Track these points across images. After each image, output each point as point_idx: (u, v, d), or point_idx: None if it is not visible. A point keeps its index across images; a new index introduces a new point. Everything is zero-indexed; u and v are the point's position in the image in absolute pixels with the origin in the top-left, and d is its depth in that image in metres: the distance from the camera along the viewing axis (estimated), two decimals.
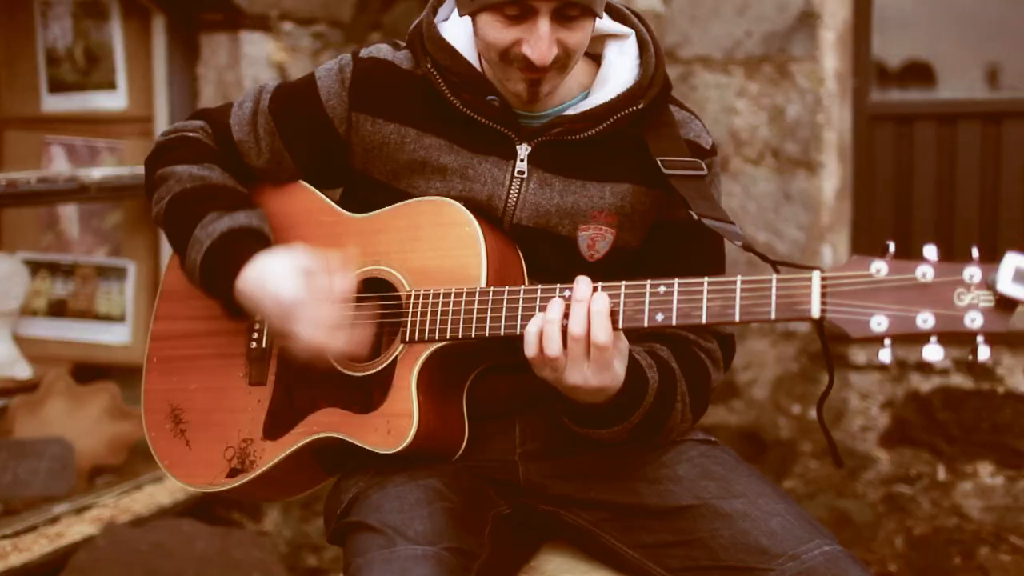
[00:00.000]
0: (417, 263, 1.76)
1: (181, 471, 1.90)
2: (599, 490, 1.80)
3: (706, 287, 1.51)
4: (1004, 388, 3.68)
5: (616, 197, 1.81)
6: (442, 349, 1.71)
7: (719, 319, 1.50)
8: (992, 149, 3.81)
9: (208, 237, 1.80)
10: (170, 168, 1.89)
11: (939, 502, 3.78)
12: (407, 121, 1.82)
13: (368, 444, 1.73)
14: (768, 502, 1.71)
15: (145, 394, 1.98)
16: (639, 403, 1.69)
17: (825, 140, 3.79)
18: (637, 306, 1.55)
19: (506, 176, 1.79)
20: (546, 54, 1.66)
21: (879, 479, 3.85)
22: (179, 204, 1.86)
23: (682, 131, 1.83)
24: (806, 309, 1.43)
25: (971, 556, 3.74)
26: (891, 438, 3.83)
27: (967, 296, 1.37)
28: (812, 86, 3.79)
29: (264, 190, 1.95)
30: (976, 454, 3.72)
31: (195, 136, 1.93)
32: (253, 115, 1.91)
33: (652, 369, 1.72)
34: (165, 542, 3.29)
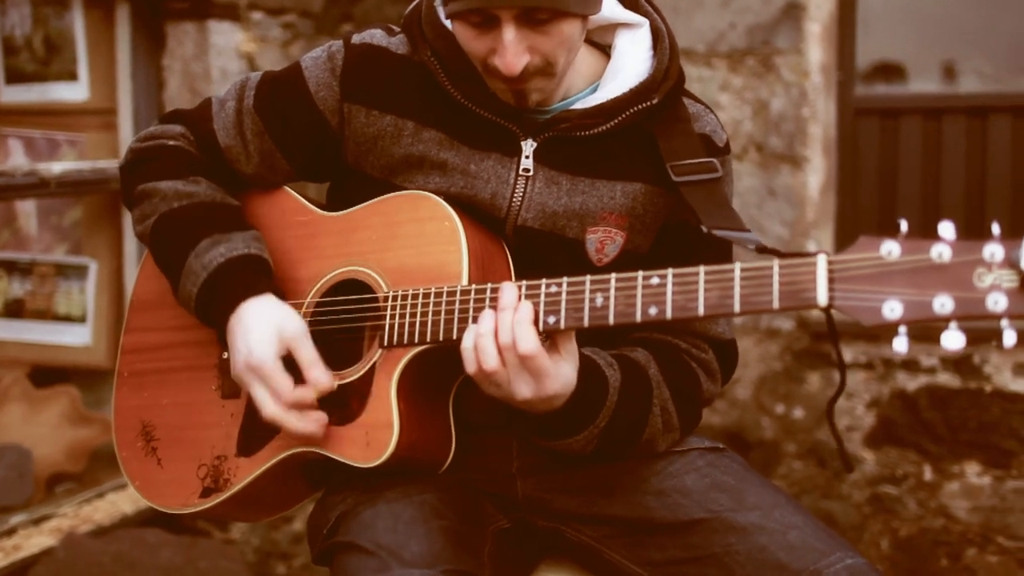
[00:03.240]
0: (395, 262, 1.65)
1: (153, 492, 1.78)
2: (603, 504, 1.70)
3: (702, 276, 1.40)
4: (991, 387, 3.63)
5: (627, 198, 1.70)
6: (423, 353, 1.60)
7: (717, 311, 1.38)
8: (977, 143, 3.76)
9: (204, 269, 1.68)
10: (153, 184, 1.76)
11: (925, 503, 3.73)
12: (404, 112, 1.70)
13: (346, 458, 1.61)
14: (784, 514, 1.62)
15: (116, 411, 1.86)
16: (601, 403, 1.59)
17: (810, 134, 3.73)
18: (628, 299, 1.44)
19: (510, 174, 1.68)
20: (513, 63, 1.55)
21: (864, 480, 3.80)
22: (167, 227, 1.74)
23: (696, 125, 1.72)
24: (812, 297, 1.31)
25: (958, 557, 3.71)
26: (877, 438, 3.78)
27: (988, 276, 1.25)
28: (797, 79, 3.72)
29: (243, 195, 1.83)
30: (963, 454, 3.67)
31: (176, 145, 1.79)
32: (238, 115, 1.78)
33: (612, 367, 1.62)
34: (128, 553, 3.19)
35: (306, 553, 3.88)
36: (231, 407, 1.74)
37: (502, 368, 1.46)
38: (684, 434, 1.73)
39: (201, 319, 1.72)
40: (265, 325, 1.62)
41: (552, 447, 1.63)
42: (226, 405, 1.75)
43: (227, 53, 3.56)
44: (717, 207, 1.64)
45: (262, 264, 1.71)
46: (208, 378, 1.78)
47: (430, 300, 1.58)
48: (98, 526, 3.26)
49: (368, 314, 1.66)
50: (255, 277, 1.69)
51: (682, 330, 1.73)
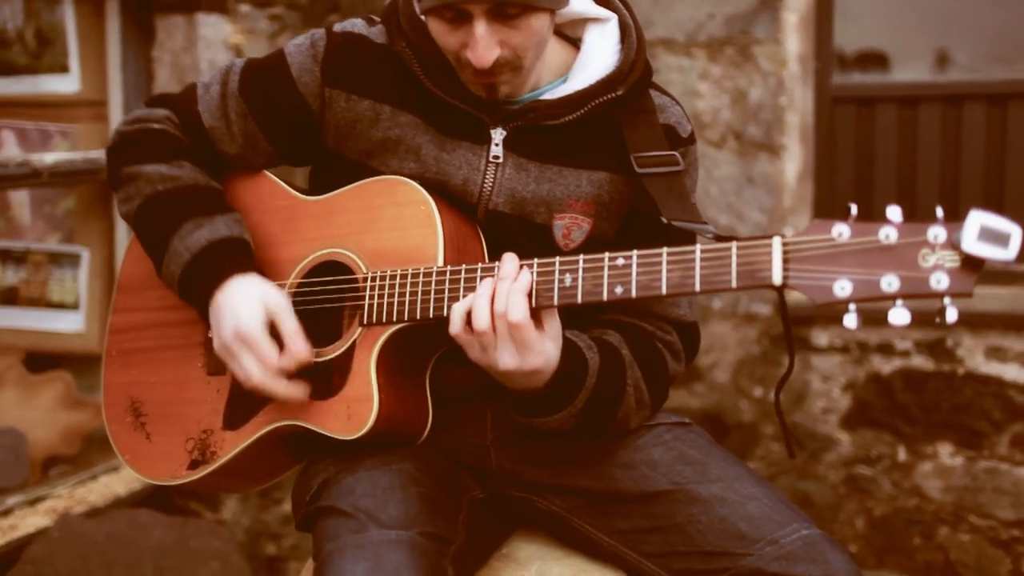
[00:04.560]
0: (374, 244, 1.73)
1: (142, 465, 1.86)
2: (572, 476, 1.78)
3: (665, 257, 1.48)
4: (964, 369, 3.70)
5: (593, 186, 1.77)
6: (401, 331, 1.68)
7: (679, 289, 1.46)
8: (952, 132, 3.81)
9: (187, 250, 1.76)
10: (138, 167, 1.83)
11: (899, 483, 3.80)
12: (382, 98, 1.77)
13: (328, 430, 1.69)
14: (745, 486, 1.69)
15: (105, 388, 1.94)
16: (580, 385, 1.66)
17: (787, 123, 3.78)
18: (596, 279, 1.51)
19: (481, 161, 1.75)
20: (484, 57, 1.62)
21: (840, 461, 3.86)
22: (152, 209, 1.81)
23: (660, 116, 1.80)
24: (767, 276, 1.39)
25: (931, 536, 3.77)
26: (852, 420, 3.84)
27: (932, 257, 1.32)
28: (775, 68, 3.78)
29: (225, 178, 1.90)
30: (936, 435, 3.74)
31: (161, 128, 1.86)
32: (222, 98, 1.85)
33: (592, 350, 1.69)
34: (121, 533, 3.24)
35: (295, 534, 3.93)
36: (217, 383, 1.82)
37: (491, 332, 1.53)
38: (654, 411, 1.81)
39: (184, 298, 1.79)
40: (251, 297, 1.70)
41: (530, 424, 1.70)
42: (212, 382, 1.83)
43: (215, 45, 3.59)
44: (676, 199, 1.71)
45: (244, 246, 1.78)
46: (194, 356, 1.85)
47: (407, 281, 1.66)
48: (92, 507, 3.32)
49: (348, 294, 1.74)
50: (238, 257, 1.76)
51: (648, 313, 1.80)
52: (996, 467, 3.69)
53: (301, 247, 1.80)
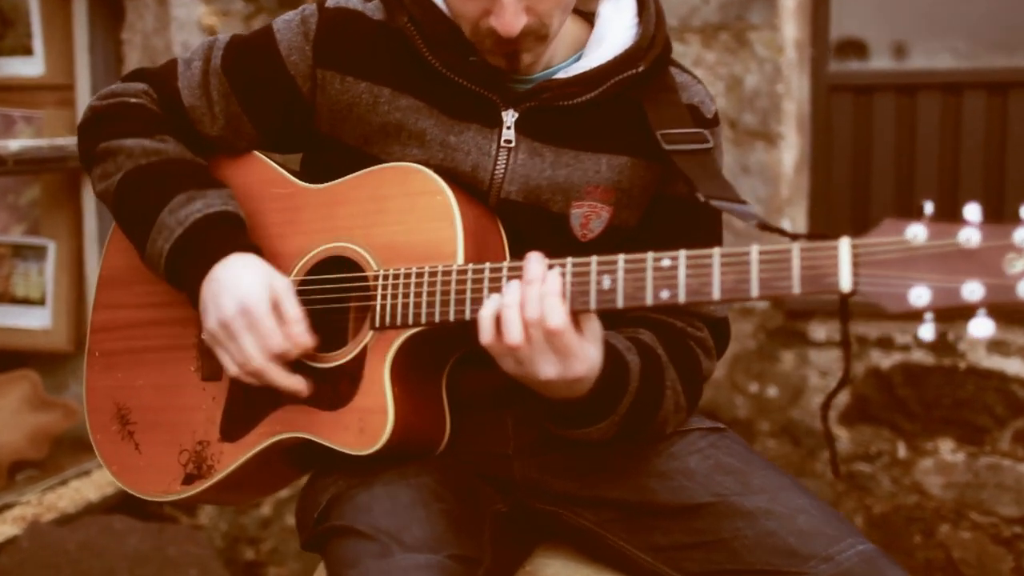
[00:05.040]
0: (384, 239, 1.57)
1: (131, 478, 1.71)
2: (604, 487, 1.65)
3: (718, 259, 1.35)
4: (966, 364, 3.63)
5: (613, 171, 1.64)
6: (416, 335, 1.53)
7: (734, 295, 1.33)
8: (952, 121, 3.73)
9: (180, 224, 1.60)
10: (117, 142, 1.67)
11: (899, 480, 3.73)
12: (380, 79, 1.63)
13: (338, 444, 1.55)
14: (792, 497, 1.58)
15: (87, 392, 1.77)
16: (623, 390, 1.54)
17: (784, 111, 3.68)
18: (638, 282, 1.38)
19: (491, 145, 1.62)
20: (512, 24, 1.50)
21: (839, 458, 3.78)
22: (136, 183, 1.65)
23: (683, 95, 1.67)
24: (834, 281, 1.27)
25: (931, 534, 3.71)
26: (851, 416, 3.76)
27: (1019, 262, 1.21)
28: (771, 55, 3.67)
29: (212, 162, 1.75)
30: (937, 431, 3.67)
31: (139, 103, 1.71)
32: (204, 75, 1.70)
33: (631, 352, 1.57)
34: (94, 541, 3.13)
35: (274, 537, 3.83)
36: (212, 390, 1.67)
37: (526, 344, 1.39)
38: (689, 414, 1.69)
39: (170, 278, 1.64)
40: (256, 273, 1.56)
41: (571, 436, 1.57)
42: (207, 388, 1.68)
43: (189, 27, 3.46)
44: (711, 177, 1.59)
45: (240, 223, 1.64)
46: (186, 359, 1.70)
47: (423, 280, 1.52)
48: (62, 514, 3.19)
49: (356, 294, 1.59)
50: (236, 233, 1.61)
51: (677, 309, 1.68)
52: (998, 463, 3.63)
53: (302, 240, 1.65)
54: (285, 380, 1.54)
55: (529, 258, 1.42)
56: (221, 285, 1.56)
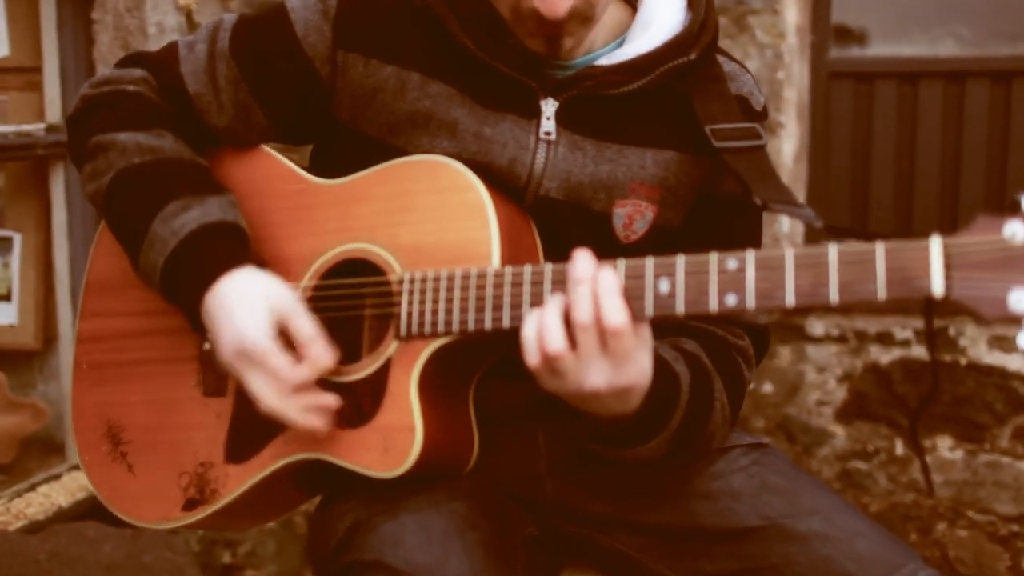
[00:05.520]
0: (409, 239, 1.43)
1: (125, 504, 1.56)
2: (643, 509, 1.53)
3: (791, 260, 1.22)
4: (966, 360, 3.56)
5: (659, 167, 1.51)
6: (447, 345, 1.40)
7: (810, 300, 1.21)
8: (954, 110, 3.65)
9: (174, 235, 1.45)
10: (110, 135, 1.52)
11: (896, 478, 3.66)
12: (408, 63, 1.49)
13: (361, 466, 1.41)
14: (846, 519, 1.47)
15: (74, 408, 1.62)
16: (675, 403, 1.42)
17: (784, 98, 3.58)
18: (701, 286, 1.25)
19: (530, 138, 1.48)
20: (558, 5, 1.38)
21: (835, 455, 3.71)
22: (128, 185, 1.49)
23: (732, 86, 1.55)
24: (924, 285, 1.16)
25: (928, 532, 3.65)
26: (848, 413, 3.69)
27: None
28: (772, 41, 3.56)
29: (213, 154, 1.60)
30: (935, 428, 3.60)
31: (137, 91, 1.55)
32: (210, 59, 1.54)
33: (678, 361, 1.45)
34: (66, 549, 2.96)
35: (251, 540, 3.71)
36: (216, 406, 1.52)
37: (568, 352, 1.25)
38: (732, 427, 1.58)
39: (166, 296, 1.49)
40: (252, 300, 1.41)
41: (617, 456, 1.45)
42: (209, 404, 1.53)
43: (163, 6, 3.30)
44: (765, 178, 1.47)
45: (241, 235, 1.49)
46: (186, 372, 1.55)
47: (455, 284, 1.38)
48: (31, 521, 3.03)
49: (379, 300, 1.45)
50: (234, 248, 1.47)
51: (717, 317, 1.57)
52: (997, 460, 3.57)
53: (316, 241, 1.51)
54: (301, 420, 1.40)
55: (576, 256, 1.28)
56: (216, 321, 1.42)
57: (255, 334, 1.39)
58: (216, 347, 1.43)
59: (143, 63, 1.59)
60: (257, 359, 1.39)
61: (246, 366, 1.39)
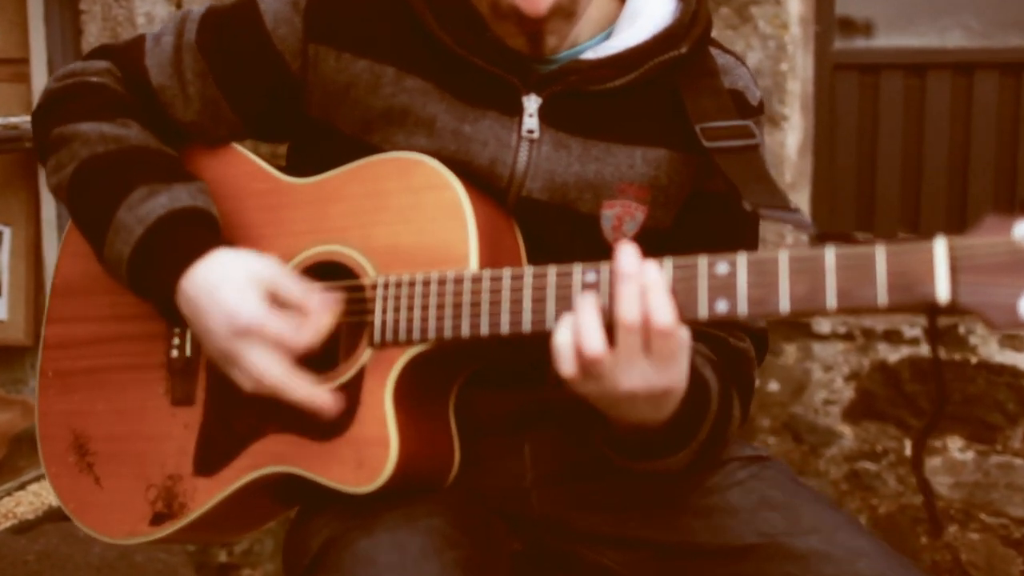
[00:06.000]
0: (383, 241, 1.37)
1: (91, 517, 1.50)
2: (635, 525, 1.47)
3: (785, 264, 1.15)
4: (977, 358, 3.48)
5: (649, 166, 1.45)
6: (424, 353, 1.33)
7: (806, 306, 1.14)
8: (962, 102, 3.58)
9: (140, 223, 1.38)
10: (72, 126, 1.46)
11: (905, 479, 3.59)
12: (383, 57, 1.43)
13: (332, 481, 1.35)
14: (848, 537, 1.41)
15: (40, 417, 1.56)
16: (706, 411, 1.35)
17: (788, 91, 3.50)
18: (689, 291, 1.18)
19: (511, 136, 1.41)
20: (538, 1, 1.32)
21: (842, 456, 3.64)
22: (91, 175, 1.43)
23: (726, 80, 1.48)
24: (929, 291, 1.08)
25: (938, 535, 3.58)
26: (856, 412, 3.62)
27: None
28: (775, 32, 3.49)
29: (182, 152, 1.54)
30: (946, 428, 3.53)
31: (101, 82, 1.50)
32: (176, 52, 1.49)
33: (707, 367, 1.38)
34: (56, 550, 2.97)
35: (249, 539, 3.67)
36: (184, 416, 1.46)
37: (608, 355, 1.18)
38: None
39: (134, 288, 1.43)
40: (234, 275, 1.35)
41: (643, 468, 1.38)
42: (177, 414, 1.46)
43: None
44: (757, 180, 1.40)
45: (212, 222, 1.43)
46: (153, 380, 1.49)
47: (431, 288, 1.31)
48: (21, 520, 3.03)
49: (352, 305, 1.39)
50: (205, 234, 1.40)
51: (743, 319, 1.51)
52: (1010, 462, 3.49)
53: (288, 243, 1.44)
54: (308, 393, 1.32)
55: (622, 250, 1.21)
56: (199, 307, 1.35)
57: (247, 307, 1.32)
58: (204, 337, 1.36)
59: (109, 55, 1.55)
60: (256, 331, 1.31)
61: (243, 345, 1.32)
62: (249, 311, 1.32)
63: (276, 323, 1.32)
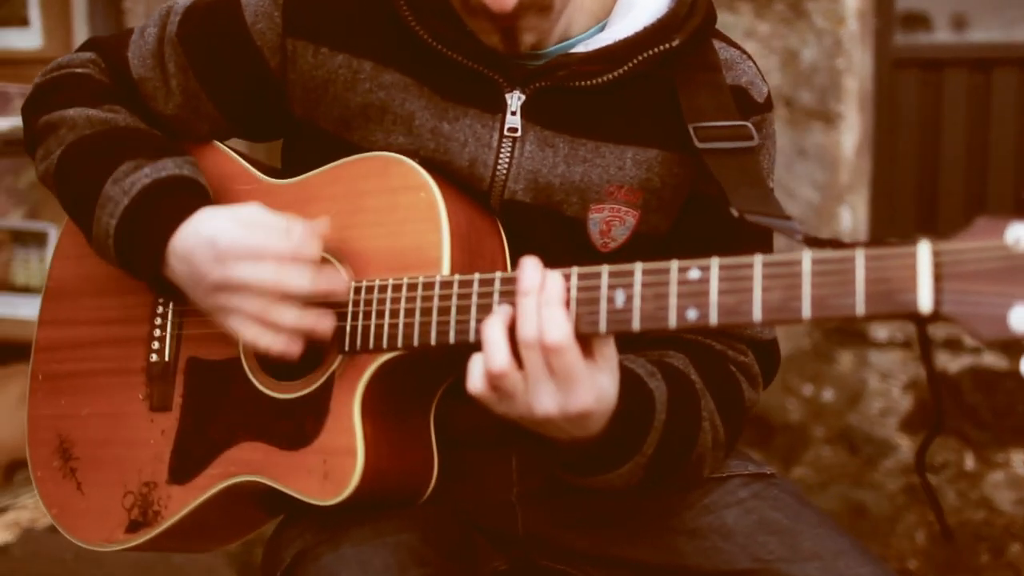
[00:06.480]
0: (359, 243, 1.33)
1: (72, 523, 1.48)
2: (621, 544, 1.40)
3: (759, 269, 1.08)
4: None
5: (640, 167, 1.37)
6: (394, 361, 1.28)
7: (779, 315, 1.06)
8: None
9: (125, 194, 1.35)
10: (59, 113, 1.45)
11: (966, 493, 3.47)
12: (360, 51, 1.38)
13: (299, 491, 1.30)
14: (850, 565, 1.32)
15: (29, 421, 1.56)
16: (647, 425, 1.27)
17: (845, 88, 3.40)
18: (659, 299, 1.11)
19: (493, 135, 1.35)
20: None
21: (899, 468, 3.53)
22: (78, 155, 1.41)
23: (728, 75, 1.39)
24: (910, 299, 1.00)
25: (1000, 553, 3.44)
26: (914, 422, 3.50)
27: None
28: (831, 26, 3.39)
29: None
30: (1008, 441, 3.40)
31: (86, 73, 1.49)
32: (158, 44, 1.46)
33: (655, 377, 1.31)
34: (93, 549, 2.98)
35: None
36: (161, 422, 1.42)
37: (513, 370, 1.12)
38: (728, 452, 1.43)
39: (122, 263, 1.40)
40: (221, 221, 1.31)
41: (586, 484, 1.31)
42: (155, 419, 1.43)
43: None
44: (750, 184, 1.32)
45: (199, 188, 1.40)
46: (134, 384, 1.46)
47: (401, 294, 1.26)
48: None
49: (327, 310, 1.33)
50: (191, 200, 1.37)
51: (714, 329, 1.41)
52: None
53: None
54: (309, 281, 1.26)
55: (524, 264, 1.16)
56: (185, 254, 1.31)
57: (226, 234, 1.28)
58: (195, 291, 1.31)
59: (94, 47, 1.54)
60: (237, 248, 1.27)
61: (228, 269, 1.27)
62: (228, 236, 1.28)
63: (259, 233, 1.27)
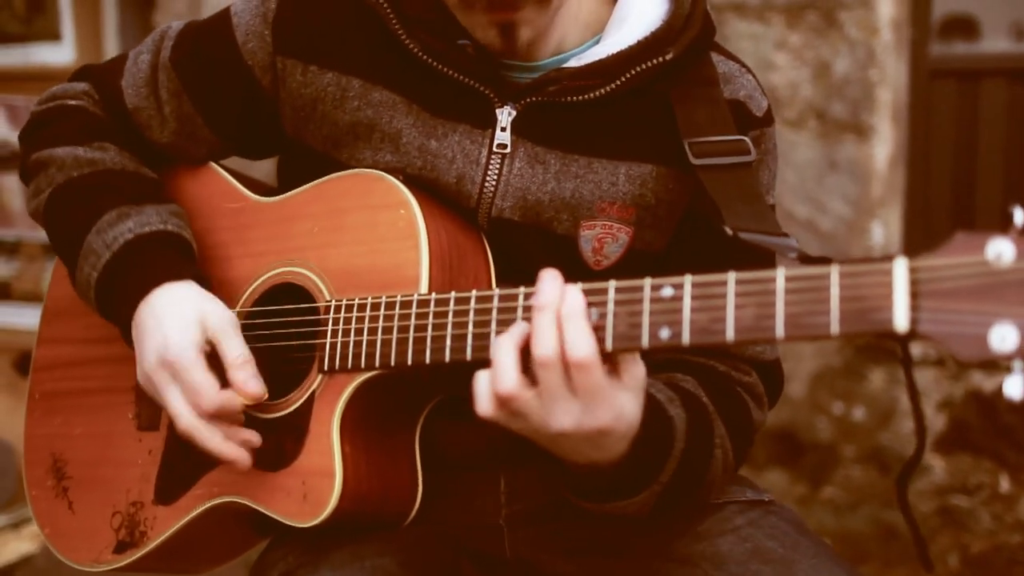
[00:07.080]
0: (339, 261, 1.32)
1: (63, 543, 1.49)
2: (611, 571, 1.37)
3: (732, 286, 1.05)
4: None
5: (634, 183, 1.34)
6: (374, 380, 1.27)
7: (752, 334, 1.04)
8: None
9: (107, 248, 1.36)
10: (48, 151, 1.46)
11: (1001, 516, 3.36)
12: (349, 69, 1.37)
13: (278, 513, 1.30)
14: None
15: (25, 440, 1.57)
16: (667, 453, 1.25)
17: (878, 100, 3.32)
18: (632, 317, 1.09)
19: (481, 151, 1.33)
20: None
21: (933, 489, 3.43)
22: (65, 199, 1.43)
23: (726, 89, 1.36)
24: (885, 318, 0.98)
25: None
26: (947, 443, 3.40)
27: None
28: (864, 37, 3.31)
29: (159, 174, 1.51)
30: None
31: (79, 106, 1.49)
32: (152, 71, 1.46)
33: (675, 404, 1.28)
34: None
35: None
36: (149, 442, 1.42)
37: (524, 390, 1.09)
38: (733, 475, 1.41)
39: (101, 313, 1.41)
40: (184, 311, 1.31)
41: (598, 511, 1.28)
42: (143, 439, 1.43)
43: None
44: (745, 201, 1.29)
45: (182, 244, 1.40)
46: (123, 404, 1.46)
47: (379, 312, 1.25)
48: None
49: (307, 329, 1.32)
50: (173, 258, 1.37)
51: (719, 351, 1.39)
52: None
53: (252, 264, 1.40)
54: (217, 446, 1.28)
55: (543, 277, 1.12)
56: (144, 328, 1.32)
57: (181, 344, 1.29)
58: (139, 359, 1.33)
59: (88, 76, 1.54)
60: (179, 371, 1.28)
61: (166, 380, 1.29)
62: (179, 348, 1.28)
63: (198, 374, 1.27)
